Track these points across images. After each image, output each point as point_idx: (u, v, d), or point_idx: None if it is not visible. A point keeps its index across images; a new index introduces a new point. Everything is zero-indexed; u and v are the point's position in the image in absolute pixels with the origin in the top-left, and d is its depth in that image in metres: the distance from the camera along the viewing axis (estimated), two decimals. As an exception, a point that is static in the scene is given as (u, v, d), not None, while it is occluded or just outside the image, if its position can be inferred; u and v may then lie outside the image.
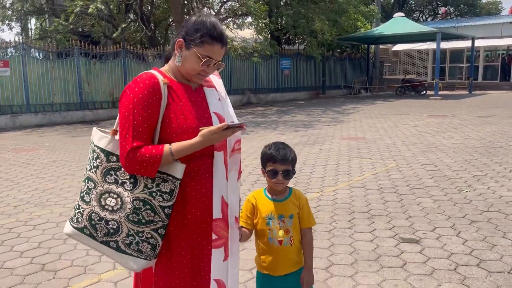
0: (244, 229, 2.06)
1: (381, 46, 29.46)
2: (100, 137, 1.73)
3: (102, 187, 1.66)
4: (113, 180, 1.66)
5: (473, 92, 24.86)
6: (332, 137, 10.32)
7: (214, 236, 1.70)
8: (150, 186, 1.63)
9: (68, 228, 1.72)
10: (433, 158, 7.49)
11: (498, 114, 13.84)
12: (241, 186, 1.83)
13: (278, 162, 2.03)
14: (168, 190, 1.63)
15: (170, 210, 1.64)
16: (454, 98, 21.74)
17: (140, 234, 1.63)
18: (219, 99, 1.84)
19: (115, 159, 1.69)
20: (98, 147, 1.72)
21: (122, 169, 1.66)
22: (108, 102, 16.07)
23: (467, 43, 26.29)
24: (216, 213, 1.71)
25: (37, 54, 15.17)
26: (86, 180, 1.71)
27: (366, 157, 7.76)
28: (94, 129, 1.78)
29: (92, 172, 1.70)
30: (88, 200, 1.68)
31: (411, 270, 3.31)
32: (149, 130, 1.65)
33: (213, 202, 1.70)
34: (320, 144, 9.28)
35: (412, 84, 24.84)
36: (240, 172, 1.95)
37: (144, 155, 1.60)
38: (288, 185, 2.16)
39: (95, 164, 1.70)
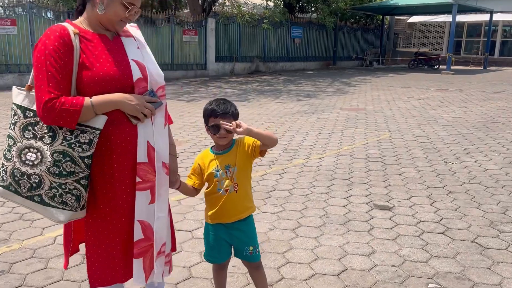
0: (186, 184, 2.15)
1: (396, 17, 28.75)
2: (17, 94, 1.74)
3: (22, 143, 1.67)
4: (32, 135, 1.67)
5: (488, 68, 24.30)
6: (332, 107, 10.26)
7: (138, 179, 1.76)
8: (69, 138, 1.65)
9: None
10: (428, 130, 7.43)
11: (507, 90, 13.57)
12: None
13: (220, 116, 2.06)
14: (86, 141, 1.65)
15: (90, 160, 1.67)
16: (466, 73, 21.29)
17: (63, 186, 1.66)
18: (138, 48, 1.85)
19: (31, 114, 1.69)
20: (15, 104, 1.73)
21: (40, 123, 1.67)
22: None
23: (485, 17, 25.46)
24: (141, 157, 1.76)
25: (48, 14, 15.17)
26: (7, 138, 1.73)
27: (361, 127, 7.73)
28: (14, 88, 1.77)
29: (11, 129, 1.71)
30: (9, 157, 1.69)
31: (376, 235, 3.37)
32: (65, 81, 1.66)
33: (137, 147, 1.75)
34: (318, 114, 9.24)
35: (425, 57, 24.35)
36: (169, 118, 2.00)
37: (64, 105, 1.61)
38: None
39: (13, 121, 1.72)
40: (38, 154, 1.65)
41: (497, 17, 25.06)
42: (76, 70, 1.68)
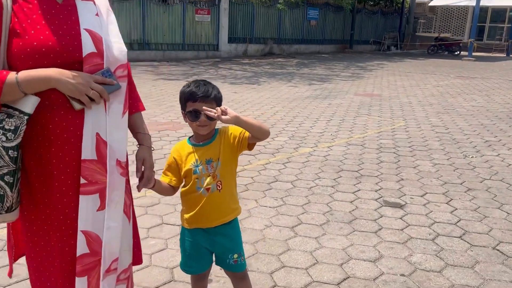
0: (161, 181, 1.83)
1: (417, 0, 27.75)
2: None
3: None
4: None
5: (511, 55, 23.37)
6: (346, 92, 9.82)
7: (82, 181, 1.42)
8: None
9: None
10: (447, 120, 6.98)
11: (532, 79, 12.92)
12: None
13: (199, 100, 1.72)
14: (12, 127, 1.30)
15: (16, 152, 1.34)
16: (489, 60, 20.49)
17: None
18: (97, 15, 1.49)
19: None
20: None
21: None
22: (125, 44, 15.57)
23: (510, 2, 24.40)
24: (87, 153, 1.42)
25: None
26: None
27: (375, 115, 7.31)
28: None
29: None
30: None
31: (384, 237, 3.02)
32: None
33: (83, 140, 1.41)
34: (331, 99, 8.82)
35: (446, 43, 23.51)
36: (140, 104, 1.67)
37: None
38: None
39: None
40: None
41: (523, 2, 24.01)
42: (5, 38, 1.33)
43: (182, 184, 1.87)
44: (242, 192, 3.74)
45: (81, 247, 1.43)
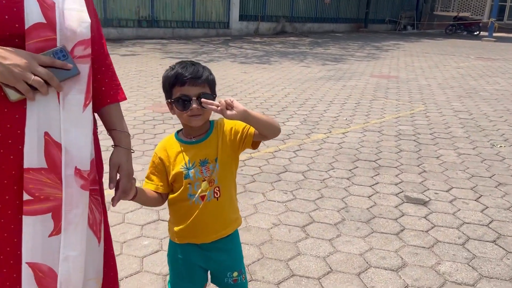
0: (144, 190, 1.47)
1: (436, -23, 26.74)
2: None
3: None
4: None
5: (533, 36, 22.48)
6: (361, 73, 9.35)
7: (26, 197, 1.08)
8: None
9: None
10: (470, 104, 6.53)
11: (558, 62, 12.27)
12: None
13: (188, 83, 1.36)
14: None
15: None
16: (510, 41, 19.67)
17: None
18: None
19: None
20: None
21: None
22: (134, 21, 15.35)
23: (535, -21, 23.34)
24: (32, 160, 1.07)
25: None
26: None
27: (393, 98, 6.87)
28: None
29: None
30: None
31: (407, 240, 2.67)
32: None
33: (25, 142, 1.06)
34: (345, 80, 8.38)
35: (465, 22, 22.65)
36: (119, 93, 1.32)
37: None
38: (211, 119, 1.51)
39: None
40: None
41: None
42: None
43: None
44: (248, 183, 3.41)
45: (28, 284, 1.10)
